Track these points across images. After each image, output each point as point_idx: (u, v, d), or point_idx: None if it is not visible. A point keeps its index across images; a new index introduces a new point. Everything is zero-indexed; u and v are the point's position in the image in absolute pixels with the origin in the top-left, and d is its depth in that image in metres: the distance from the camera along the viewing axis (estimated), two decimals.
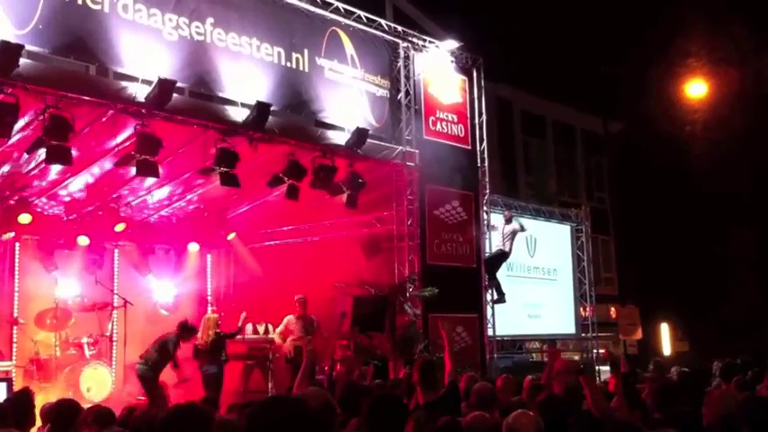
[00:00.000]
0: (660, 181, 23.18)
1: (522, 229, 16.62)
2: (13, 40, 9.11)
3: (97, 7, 10.15)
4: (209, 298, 16.31)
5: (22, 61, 9.19)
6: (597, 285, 21.67)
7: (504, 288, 16.39)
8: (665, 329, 25.91)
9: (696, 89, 19.63)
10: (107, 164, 11.74)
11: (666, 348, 25.65)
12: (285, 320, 14.29)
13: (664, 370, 11.42)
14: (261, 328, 14.70)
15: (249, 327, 14.34)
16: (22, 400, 6.45)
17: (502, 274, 16.65)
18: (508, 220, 16.56)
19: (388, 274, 14.47)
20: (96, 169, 12.03)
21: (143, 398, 12.18)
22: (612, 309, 23.54)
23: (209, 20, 11.50)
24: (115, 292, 14.59)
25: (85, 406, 6.78)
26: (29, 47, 9.35)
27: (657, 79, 20.92)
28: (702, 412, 4.78)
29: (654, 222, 23.77)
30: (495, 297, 16.23)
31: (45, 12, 9.58)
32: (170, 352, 12.52)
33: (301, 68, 12.84)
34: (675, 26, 20.32)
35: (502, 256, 16.44)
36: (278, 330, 14.34)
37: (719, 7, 19.42)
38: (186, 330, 12.81)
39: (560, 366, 7.42)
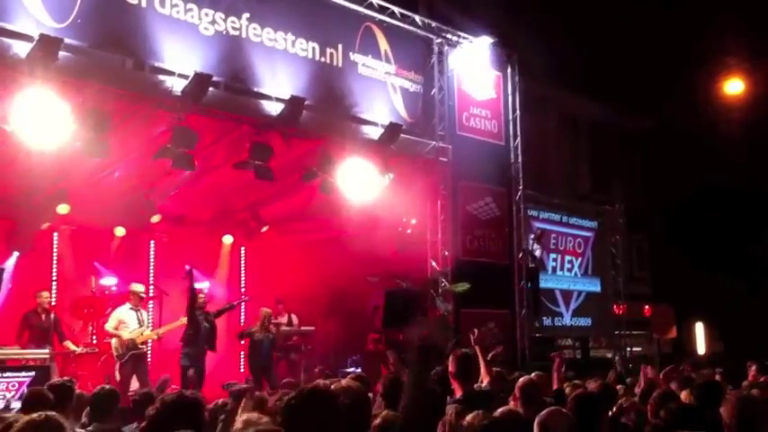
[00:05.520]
0: (694, 179, 22.91)
1: (533, 255, 16.32)
2: (51, 33, 9.30)
3: (135, 2, 10.33)
4: (242, 289, 16.47)
5: (61, 54, 9.37)
6: (631, 283, 21.49)
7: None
8: (699, 329, 25.61)
9: (733, 87, 19.38)
10: (143, 156, 11.89)
11: (701, 348, 25.36)
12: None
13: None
14: (283, 320, 14.78)
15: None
16: (62, 390, 6.51)
17: None
18: (538, 239, 16.35)
19: (421, 269, 14.51)
20: (132, 162, 12.19)
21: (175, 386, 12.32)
22: (646, 307, 23.33)
23: (245, 15, 11.62)
24: (151, 282, 14.79)
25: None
26: (67, 40, 9.53)
27: (693, 76, 20.68)
28: (721, 412, 4.78)
29: (688, 221, 23.51)
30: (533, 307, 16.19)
31: (83, 6, 9.77)
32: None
33: (335, 63, 12.91)
34: (713, 21, 20.07)
35: (537, 272, 16.34)
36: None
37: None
38: None
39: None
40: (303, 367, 14.52)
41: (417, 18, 14.40)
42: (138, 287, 13.05)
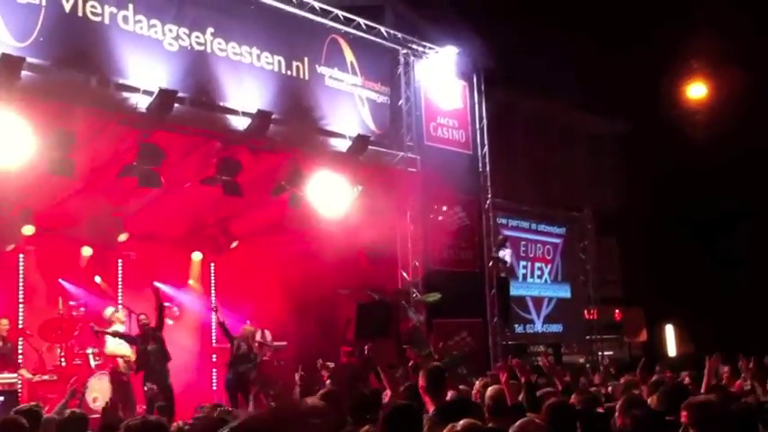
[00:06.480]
0: (665, 182, 23.12)
1: (503, 261, 16.54)
2: (13, 53, 9.17)
3: (97, 19, 10.22)
4: (213, 306, 16.29)
5: (24, 74, 9.24)
6: (602, 288, 21.61)
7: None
8: (669, 331, 25.85)
9: (697, 90, 19.62)
10: (110, 174, 11.74)
11: (672, 350, 25.59)
12: None
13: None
14: (257, 335, 14.65)
15: None
16: (29, 415, 6.39)
17: None
18: (501, 245, 16.45)
19: (392, 280, 14.49)
20: (98, 180, 12.03)
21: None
22: (617, 311, 23.51)
23: (210, 30, 11.56)
24: (119, 302, 14.59)
25: (92, 416, 6.80)
26: (30, 59, 9.40)
27: (663, 79, 20.86)
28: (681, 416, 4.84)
29: (658, 224, 23.71)
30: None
31: (46, 24, 9.65)
32: None
33: (302, 76, 12.88)
34: (679, 24, 20.28)
35: (507, 281, 16.53)
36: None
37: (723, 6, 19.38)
38: None
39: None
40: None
41: (383, 29, 14.42)
42: (108, 311, 12.97)
